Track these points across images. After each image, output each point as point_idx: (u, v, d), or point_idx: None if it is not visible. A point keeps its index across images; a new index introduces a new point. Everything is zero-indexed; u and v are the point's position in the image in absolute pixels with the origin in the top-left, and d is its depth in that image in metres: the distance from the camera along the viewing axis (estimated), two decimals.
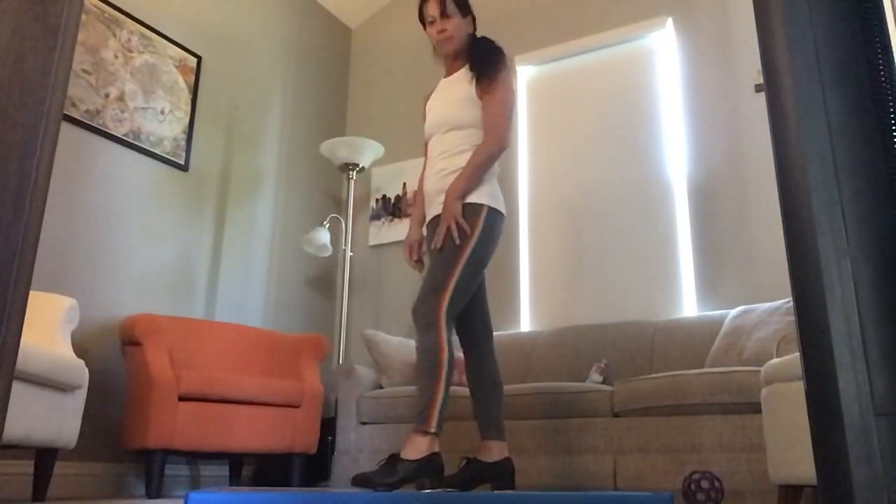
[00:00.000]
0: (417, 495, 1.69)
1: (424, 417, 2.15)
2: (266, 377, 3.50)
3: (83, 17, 3.51)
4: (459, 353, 3.66)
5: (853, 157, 0.81)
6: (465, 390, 3.28)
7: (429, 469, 2.13)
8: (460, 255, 2.30)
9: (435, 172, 2.49)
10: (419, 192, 2.61)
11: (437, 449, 2.16)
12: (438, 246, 2.34)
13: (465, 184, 2.35)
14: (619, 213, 4.00)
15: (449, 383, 2.20)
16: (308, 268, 4.67)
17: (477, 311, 2.53)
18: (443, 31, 2.52)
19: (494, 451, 2.35)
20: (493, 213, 2.37)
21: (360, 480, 2.11)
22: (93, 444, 3.24)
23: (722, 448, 2.58)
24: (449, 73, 2.63)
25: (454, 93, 2.51)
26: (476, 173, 2.37)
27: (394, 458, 2.15)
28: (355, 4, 5.23)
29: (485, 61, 2.49)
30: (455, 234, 2.31)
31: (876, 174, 0.80)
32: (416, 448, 2.13)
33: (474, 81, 2.48)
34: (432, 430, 2.14)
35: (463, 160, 2.42)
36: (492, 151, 2.38)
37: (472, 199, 2.37)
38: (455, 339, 2.83)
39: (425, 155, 2.65)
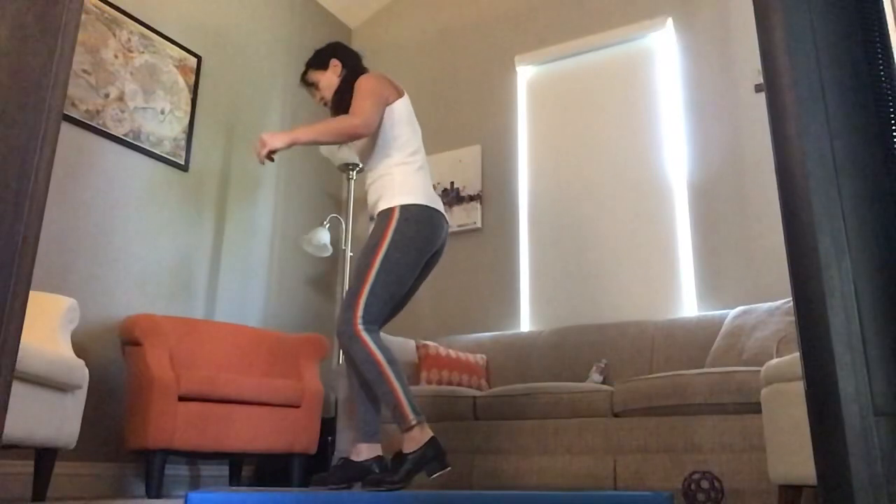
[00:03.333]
0: (417, 495, 1.69)
1: (402, 418, 2.24)
2: (266, 377, 3.50)
3: (83, 17, 3.51)
4: (452, 351, 3.66)
5: (853, 157, 0.81)
6: (463, 390, 3.28)
7: (431, 452, 2.22)
8: (373, 261, 2.32)
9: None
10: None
11: (429, 434, 2.24)
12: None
13: (305, 134, 2.36)
14: (618, 212, 4.00)
15: (400, 376, 2.26)
16: (308, 268, 4.67)
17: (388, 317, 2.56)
18: (321, 99, 2.68)
19: (362, 452, 2.35)
20: (407, 209, 2.36)
21: (372, 483, 2.17)
22: (93, 444, 3.24)
23: (722, 448, 2.58)
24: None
25: None
26: (320, 134, 2.38)
27: (399, 456, 2.23)
28: (355, 4, 5.23)
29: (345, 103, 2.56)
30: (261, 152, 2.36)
31: (876, 174, 0.80)
32: (414, 440, 2.22)
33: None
34: (413, 422, 2.22)
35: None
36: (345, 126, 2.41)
37: (382, 206, 2.41)
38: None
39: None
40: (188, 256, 3.87)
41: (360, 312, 2.27)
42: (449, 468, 2.24)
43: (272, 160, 2.44)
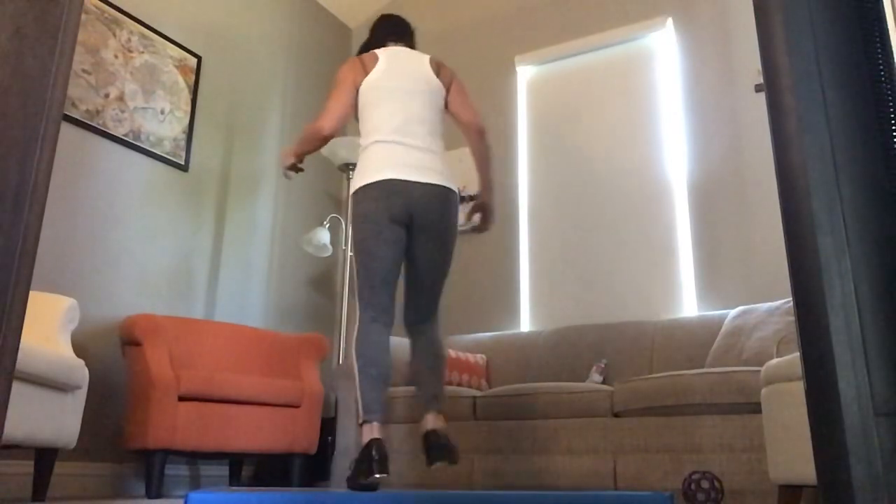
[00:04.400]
0: (418, 496, 1.69)
1: (356, 413, 2.29)
2: (266, 377, 3.50)
3: (83, 17, 3.51)
4: (453, 352, 3.66)
5: (853, 157, 0.81)
6: (463, 390, 3.28)
7: (366, 457, 2.14)
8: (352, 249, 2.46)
9: (418, 143, 2.45)
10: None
11: (376, 434, 2.18)
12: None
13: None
14: (619, 212, 4.00)
15: (364, 373, 2.26)
16: (308, 268, 4.67)
17: (410, 302, 2.51)
18: None
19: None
20: (354, 195, 2.42)
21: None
22: (93, 444, 3.24)
23: (722, 448, 2.58)
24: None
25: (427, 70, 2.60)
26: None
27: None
28: (355, 4, 5.23)
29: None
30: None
31: (876, 174, 0.80)
32: (360, 441, 2.23)
33: (443, 76, 2.62)
34: (360, 420, 2.24)
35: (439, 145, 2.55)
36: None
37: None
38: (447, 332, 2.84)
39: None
40: (188, 256, 3.87)
41: (357, 298, 2.40)
42: (374, 478, 2.09)
43: (301, 170, 2.57)
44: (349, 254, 4.39)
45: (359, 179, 2.40)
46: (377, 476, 2.09)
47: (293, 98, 4.76)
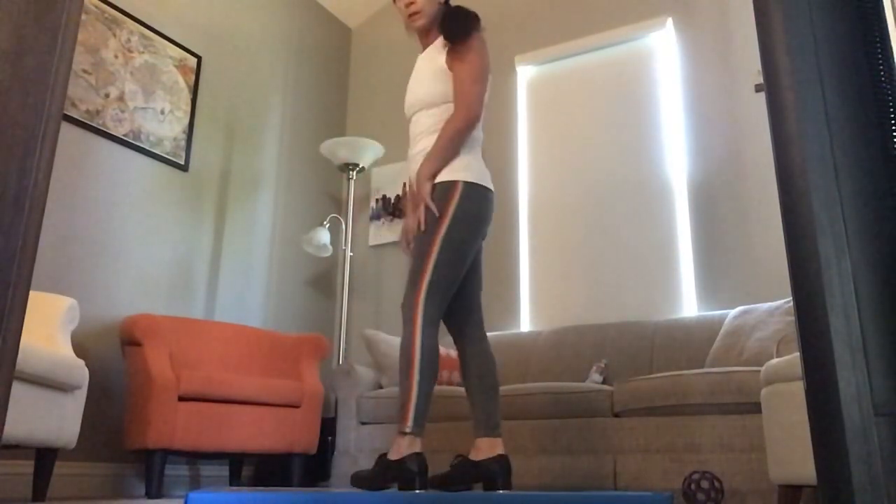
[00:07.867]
0: (417, 495, 1.69)
1: (401, 418, 2.08)
2: (266, 377, 3.50)
3: (83, 17, 3.51)
4: (452, 351, 3.66)
5: (853, 157, 0.81)
6: (462, 390, 3.28)
7: (406, 469, 2.06)
8: (434, 239, 2.16)
9: (416, 154, 2.35)
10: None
11: (418, 449, 2.08)
12: (415, 234, 2.25)
13: (433, 164, 2.21)
14: (619, 213, 4.00)
15: (426, 382, 2.09)
16: (308, 268, 4.67)
17: (463, 301, 2.34)
18: (410, 3, 2.39)
19: (482, 449, 2.19)
20: (470, 188, 2.20)
21: (355, 480, 2.13)
22: (93, 444, 3.24)
23: (722, 448, 2.58)
24: (424, 48, 2.51)
25: (426, 68, 2.39)
26: (445, 150, 2.22)
27: (380, 459, 2.14)
28: (355, 4, 5.23)
29: (455, 28, 2.35)
30: (422, 218, 2.19)
31: (876, 174, 0.80)
32: (397, 449, 2.08)
33: (446, 51, 2.37)
34: (407, 429, 2.07)
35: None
36: (459, 127, 2.23)
37: (443, 176, 2.21)
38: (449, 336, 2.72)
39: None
40: (188, 256, 3.87)
41: (422, 294, 2.14)
42: (426, 490, 2.04)
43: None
44: (441, 230, 4.38)
45: (473, 175, 2.23)
46: (419, 492, 2.00)
47: (293, 98, 4.76)
